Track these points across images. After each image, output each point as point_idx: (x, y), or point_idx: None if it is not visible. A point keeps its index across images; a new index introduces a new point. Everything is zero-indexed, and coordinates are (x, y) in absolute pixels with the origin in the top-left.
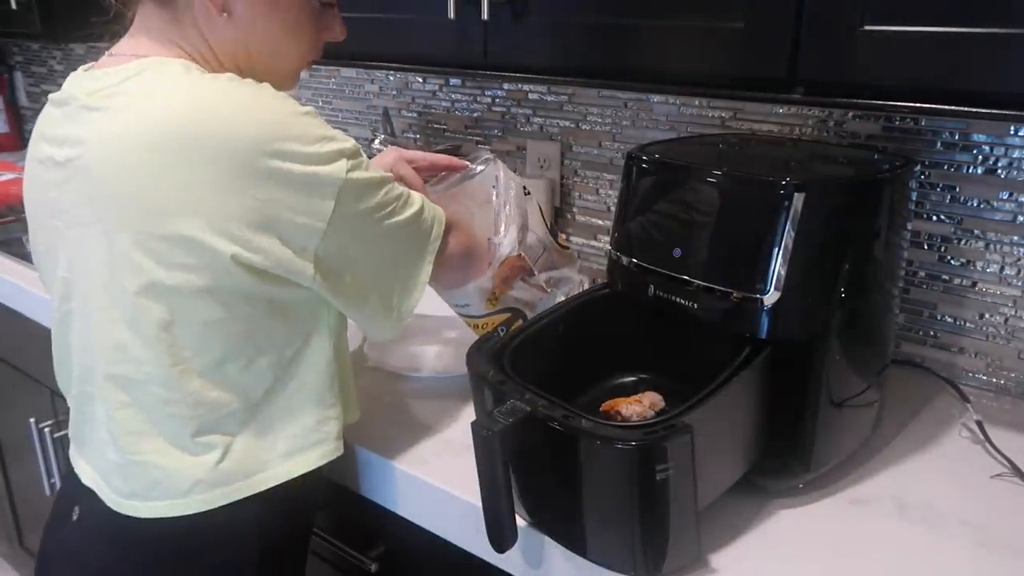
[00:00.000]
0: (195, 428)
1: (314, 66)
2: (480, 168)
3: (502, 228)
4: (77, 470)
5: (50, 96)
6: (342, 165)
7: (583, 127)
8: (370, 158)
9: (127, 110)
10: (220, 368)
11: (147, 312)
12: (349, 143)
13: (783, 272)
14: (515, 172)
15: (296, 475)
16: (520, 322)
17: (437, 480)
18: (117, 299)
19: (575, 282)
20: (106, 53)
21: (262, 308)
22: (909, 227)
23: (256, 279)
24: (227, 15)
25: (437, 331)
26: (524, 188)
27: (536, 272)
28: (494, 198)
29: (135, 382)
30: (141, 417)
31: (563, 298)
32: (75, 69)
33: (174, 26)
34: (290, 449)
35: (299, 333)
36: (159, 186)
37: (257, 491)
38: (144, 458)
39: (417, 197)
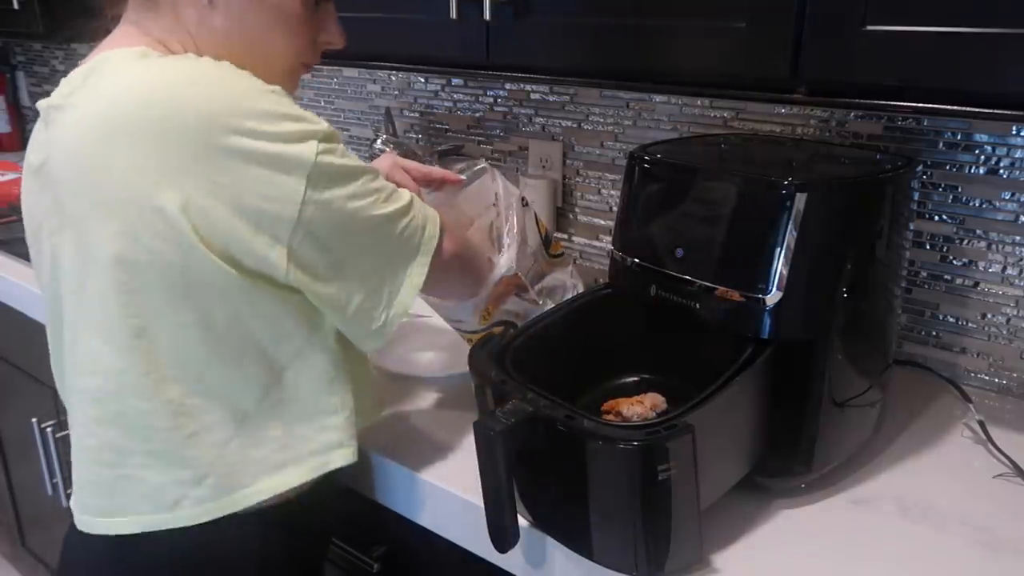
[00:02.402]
0: (177, 440)
1: (316, 66)
2: (474, 177)
3: (505, 245)
4: None
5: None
6: (312, 146)
7: (585, 127)
8: (371, 159)
9: (80, 105)
10: (201, 376)
11: (119, 318)
12: (322, 125)
13: (785, 272)
14: (516, 172)
15: (289, 487)
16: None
17: (439, 480)
18: (88, 307)
19: (568, 287)
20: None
21: (245, 310)
22: (911, 227)
23: (229, 274)
24: (210, 3)
25: (438, 331)
26: (523, 199)
27: (530, 288)
28: (495, 215)
29: (109, 394)
30: (118, 430)
31: (552, 305)
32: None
33: (156, 22)
34: (284, 461)
35: (291, 337)
36: (112, 177)
37: (245, 507)
38: (124, 472)
39: (406, 193)
